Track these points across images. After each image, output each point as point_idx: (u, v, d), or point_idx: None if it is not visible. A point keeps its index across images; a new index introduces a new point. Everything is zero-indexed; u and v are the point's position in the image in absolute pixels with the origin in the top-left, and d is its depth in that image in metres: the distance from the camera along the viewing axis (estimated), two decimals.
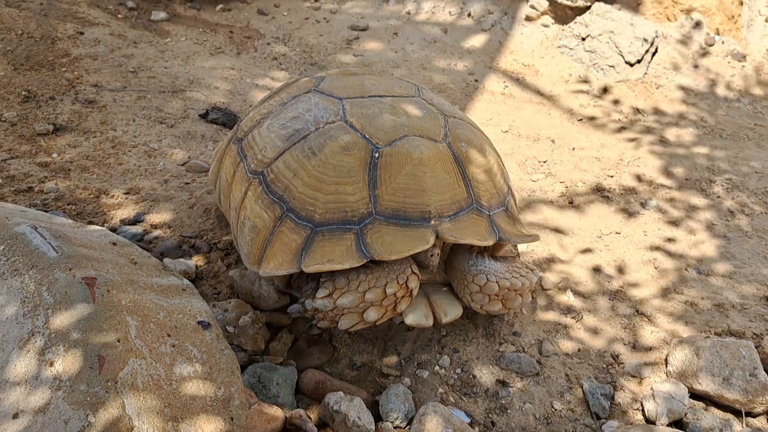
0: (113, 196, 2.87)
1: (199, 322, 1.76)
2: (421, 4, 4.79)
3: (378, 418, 1.85)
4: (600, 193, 3.03)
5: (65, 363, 1.40)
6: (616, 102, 3.89)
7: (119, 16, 4.77)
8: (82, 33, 4.33)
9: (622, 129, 3.64)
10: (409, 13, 4.75)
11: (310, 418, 1.77)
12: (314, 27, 4.64)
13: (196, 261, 2.47)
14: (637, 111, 3.74)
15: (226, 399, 1.55)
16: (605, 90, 3.91)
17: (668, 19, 4.29)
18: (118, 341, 1.50)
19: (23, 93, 3.62)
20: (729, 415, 1.90)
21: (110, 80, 3.88)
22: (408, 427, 1.81)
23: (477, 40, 4.46)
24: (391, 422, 1.83)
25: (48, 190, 2.85)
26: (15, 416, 1.32)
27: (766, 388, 1.87)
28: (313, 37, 4.49)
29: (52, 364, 1.40)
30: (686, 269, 2.53)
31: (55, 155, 3.15)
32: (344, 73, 2.40)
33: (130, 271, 1.87)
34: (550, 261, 2.55)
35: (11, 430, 1.29)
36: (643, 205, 2.95)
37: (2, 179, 2.89)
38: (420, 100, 2.22)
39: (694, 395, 1.95)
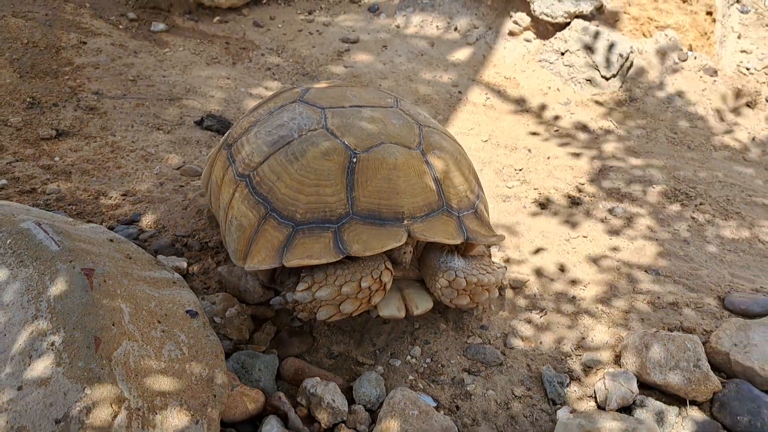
0: (111, 197, 3.02)
1: (187, 311, 1.91)
2: (410, 18, 4.97)
3: (352, 401, 2.00)
4: (571, 199, 3.20)
5: (65, 343, 1.55)
6: (589, 115, 4.06)
7: (120, 26, 4.94)
8: (84, 43, 4.49)
9: (596, 139, 3.81)
10: (398, 26, 4.93)
11: (287, 401, 1.92)
12: (307, 39, 4.81)
13: (188, 258, 2.61)
14: (610, 122, 3.91)
15: (210, 379, 1.70)
16: (581, 102, 4.08)
17: (644, 35, 4.47)
18: (113, 325, 1.64)
19: (28, 99, 3.78)
20: (675, 403, 2.05)
21: (111, 88, 4.04)
22: (378, 409, 1.95)
23: (462, 54, 4.64)
24: (363, 405, 1.98)
25: (50, 191, 3.00)
26: (19, 388, 1.46)
27: (708, 378, 2.03)
28: (305, 49, 4.66)
29: (53, 344, 1.55)
30: (646, 271, 2.69)
31: (57, 159, 3.30)
32: (329, 85, 2.56)
33: (125, 264, 2.02)
34: (520, 261, 2.71)
35: (16, 400, 1.43)
36: (611, 211, 3.11)
37: (7, 180, 3.04)
38: (397, 111, 2.38)
39: (644, 385, 2.10)
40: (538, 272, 2.64)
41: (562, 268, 2.66)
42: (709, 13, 4.39)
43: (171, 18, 5.11)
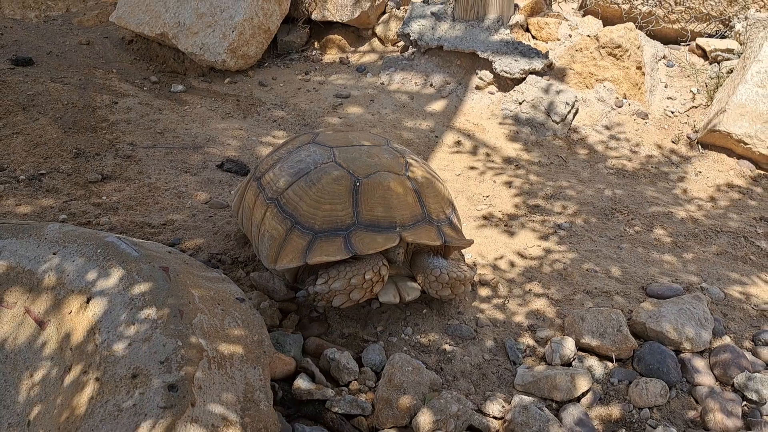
0: (154, 226, 3.56)
1: (237, 298, 2.45)
2: (393, 76, 5.68)
3: (361, 366, 2.53)
4: (529, 217, 3.81)
5: (159, 314, 2.08)
6: (543, 152, 4.73)
7: (144, 88, 5.57)
8: (116, 102, 5.10)
9: (548, 172, 4.47)
10: (383, 83, 5.62)
11: (313, 363, 2.45)
12: (305, 95, 5.48)
13: (223, 270, 3.16)
14: (560, 158, 4.58)
15: (260, 341, 2.23)
16: (536, 142, 4.75)
17: (587, 87, 5.21)
18: (189, 303, 2.19)
19: (74, 150, 4.35)
20: (604, 360, 2.61)
21: (142, 140, 4.63)
22: (382, 370, 2.49)
23: (437, 105, 5.33)
24: (370, 367, 2.52)
25: (103, 223, 3.54)
26: (130, 344, 1.99)
27: (628, 339, 2.60)
28: (305, 104, 5.32)
29: (148, 316, 2.08)
30: (587, 270, 3.28)
31: (104, 197, 3.85)
32: (334, 130, 3.18)
33: (185, 267, 2.57)
34: (484, 265, 3.29)
35: (129, 352, 1.96)
36: (559, 226, 3.73)
37: (66, 215, 3.58)
38: (388, 148, 3.00)
39: (582, 348, 2.67)
40: (502, 271, 3.22)
41: (527, 269, 3.25)
42: (639, 68, 5.14)
43: (187, 80, 5.77)
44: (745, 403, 2.49)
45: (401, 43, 6.13)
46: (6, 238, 2.51)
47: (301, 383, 2.33)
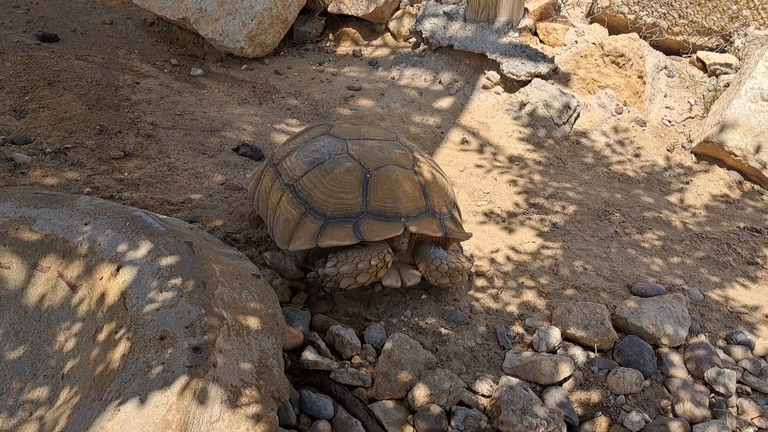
0: (173, 204, 3.73)
1: (253, 274, 2.64)
2: (403, 71, 5.83)
3: (363, 342, 2.72)
4: (526, 215, 3.99)
5: (184, 284, 2.26)
6: (544, 153, 4.90)
7: (165, 70, 5.72)
8: (138, 83, 5.26)
9: (548, 171, 4.64)
10: (393, 78, 5.78)
11: (320, 337, 2.64)
12: (319, 86, 5.64)
13: (238, 248, 3.34)
14: (560, 160, 4.75)
15: (274, 314, 2.42)
16: (537, 143, 4.92)
17: (589, 92, 5.36)
18: (211, 275, 2.37)
19: (97, 127, 4.51)
20: (587, 350, 2.80)
21: (162, 120, 4.79)
22: (382, 347, 2.68)
23: (445, 102, 5.49)
24: (371, 344, 2.70)
25: (125, 198, 3.71)
26: (158, 309, 2.17)
27: (610, 331, 2.79)
28: (318, 94, 5.48)
29: (175, 284, 2.27)
30: (578, 267, 3.47)
31: (126, 174, 4.02)
32: (347, 123, 3.35)
33: (206, 243, 2.75)
34: (481, 257, 3.47)
35: (157, 315, 2.14)
36: (555, 224, 3.91)
37: (91, 188, 3.76)
38: (397, 143, 3.17)
39: (567, 339, 2.86)
40: (497, 263, 3.41)
41: (520, 263, 3.43)
42: (640, 77, 5.29)
43: (206, 65, 5.92)
44: (713, 395, 2.69)
45: (413, 39, 6.27)
46: (41, 207, 2.69)
47: (308, 355, 2.52)
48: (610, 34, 5.86)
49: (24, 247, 2.53)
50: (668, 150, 5.06)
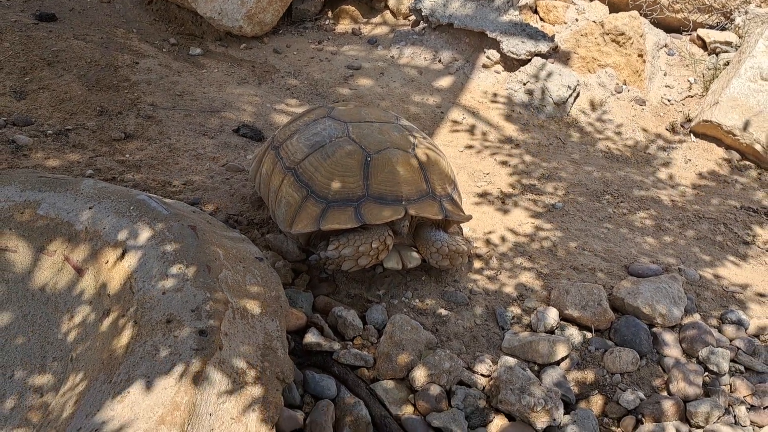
0: (175, 186, 3.74)
1: (256, 257, 2.66)
2: (403, 50, 5.78)
3: (365, 323, 2.76)
4: (524, 196, 4.01)
5: (189, 269, 2.29)
6: (544, 132, 4.89)
7: (164, 50, 5.66)
8: (137, 63, 5.21)
9: (546, 151, 4.64)
10: (393, 57, 5.73)
11: (322, 318, 2.68)
12: (318, 65, 5.59)
13: (240, 230, 3.36)
14: (559, 139, 4.75)
15: (277, 297, 2.45)
16: (537, 123, 4.91)
17: (589, 71, 5.33)
18: (215, 259, 2.39)
19: (98, 108, 4.49)
20: (584, 330, 2.84)
21: (162, 101, 4.76)
22: (383, 328, 2.72)
23: (445, 81, 5.45)
24: (373, 325, 2.74)
25: (127, 179, 3.71)
26: (164, 293, 2.20)
27: (607, 311, 2.83)
28: (317, 73, 5.44)
29: (179, 268, 2.29)
30: (575, 247, 3.50)
31: (128, 155, 4.01)
32: (348, 106, 3.34)
33: (209, 226, 2.76)
34: (477, 238, 3.50)
35: (163, 300, 2.17)
36: (554, 205, 3.93)
37: (93, 170, 3.76)
38: (398, 125, 3.16)
39: (565, 319, 2.90)
40: (495, 244, 3.43)
41: (517, 244, 3.46)
42: (640, 56, 5.25)
43: (205, 44, 5.86)
44: (706, 374, 2.74)
45: (413, 17, 6.20)
46: (45, 191, 2.70)
47: (311, 336, 2.55)
48: (610, 12, 5.79)
49: (30, 231, 2.54)
50: (667, 129, 5.05)
